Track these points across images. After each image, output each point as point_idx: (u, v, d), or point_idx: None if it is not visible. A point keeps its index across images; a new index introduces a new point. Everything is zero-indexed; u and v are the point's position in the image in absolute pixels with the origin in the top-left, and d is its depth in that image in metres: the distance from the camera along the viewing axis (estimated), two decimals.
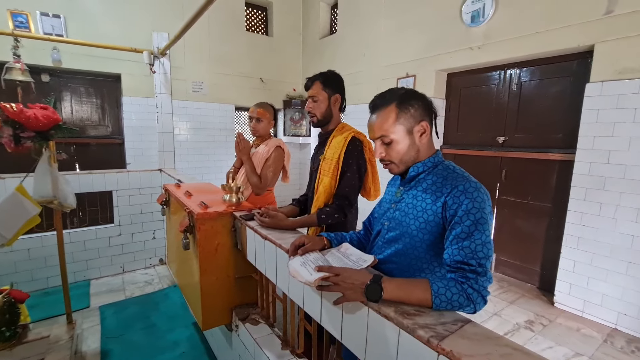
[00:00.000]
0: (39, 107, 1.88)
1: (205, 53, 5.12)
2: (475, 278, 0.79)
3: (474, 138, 3.64)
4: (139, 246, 3.39)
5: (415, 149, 0.97)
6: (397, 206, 1.04)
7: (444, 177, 0.95)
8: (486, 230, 0.86)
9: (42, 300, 2.71)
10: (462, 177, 0.92)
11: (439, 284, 0.79)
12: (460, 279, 0.81)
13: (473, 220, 0.84)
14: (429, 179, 0.98)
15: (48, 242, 2.85)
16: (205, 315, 1.57)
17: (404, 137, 0.95)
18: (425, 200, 0.94)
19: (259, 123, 2.13)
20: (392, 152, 0.97)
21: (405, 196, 1.02)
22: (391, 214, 1.04)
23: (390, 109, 0.95)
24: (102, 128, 4.57)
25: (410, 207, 0.98)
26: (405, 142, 0.96)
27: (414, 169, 1.00)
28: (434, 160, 0.99)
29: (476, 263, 0.81)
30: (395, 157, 0.98)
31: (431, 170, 0.99)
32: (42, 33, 3.76)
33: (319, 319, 0.98)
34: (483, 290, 0.79)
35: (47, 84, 4.12)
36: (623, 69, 2.41)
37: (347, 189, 1.47)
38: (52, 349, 1.86)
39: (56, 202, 1.95)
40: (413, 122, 0.95)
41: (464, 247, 0.83)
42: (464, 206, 0.86)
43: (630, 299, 2.43)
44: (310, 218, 1.47)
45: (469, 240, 0.83)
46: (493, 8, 3.12)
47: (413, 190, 1.00)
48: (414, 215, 0.96)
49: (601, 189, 2.54)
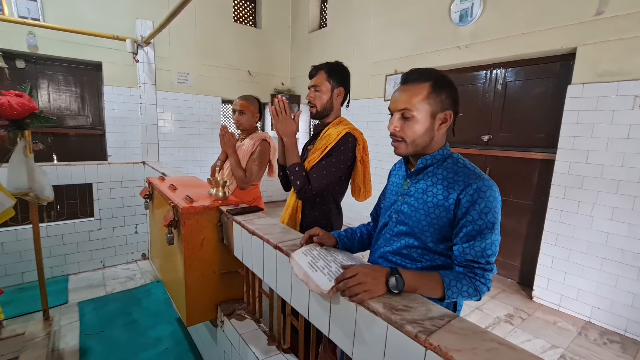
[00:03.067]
0: (14, 95, 1.79)
1: (191, 43, 4.99)
2: (483, 274, 0.86)
3: (459, 136, 3.69)
4: (120, 240, 3.30)
5: (430, 136, 0.95)
6: (404, 199, 1.02)
7: (454, 172, 0.94)
8: (496, 229, 0.88)
9: (17, 296, 2.61)
10: (474, 173, 0.92)
11: (450, 276, 0.85)
12: (469, 274, 0.87)
13: (485, 221, 0.87)
14: (438, 172, 0.96)
15: (23, 235, 2.74)
16: (189, 311, 1.55)
17: (425, 118, 0.92)
18: (437, 197, 0.94)
19: (242, 116, 2.09)
20: (408, 129, 0.93)
21: (413, 189, 1.00)
22: (399, 207, 1.03)
23: (424, 86, 0.92)
24: (82, 118, 4.41)
25: (421, 202, 0.97)
26: (424, 124, 0.93)
27: (423, 161, 0.98)
28: (442, 153, 0.98)
29: (485, 261, 0.87)
30: (409, 135, 0.94)
31: (440, 163, 0.97)
32: (17, 16, 3.59)
33: (306, 315, 0.98)
34: (488, 282, 0.88)
35: (22, 71, 3.94)
36: (603, 72, 2.49)
37: (322, 171, 1.42)
38: (27, 347, 1.79)
39: (32, 195, 1.87)
40: (439, 108, 0.93)
41: (474, 247, 0.87)
42: (477, 206, 0.87)
43: (603, 294, 2.54)
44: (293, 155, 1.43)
45: (480, 240, 0.86)
46: (481, 8, 3.16)
47: (422, 184, 0.98)
48: (425, 211, 0.95)
49: (580, 187, 2.63)
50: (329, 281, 0.82)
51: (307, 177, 1.41)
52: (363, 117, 4.50)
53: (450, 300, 0.85)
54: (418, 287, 0.81)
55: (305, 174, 1.42)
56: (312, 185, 1.41)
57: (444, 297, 0.84)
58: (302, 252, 0.96)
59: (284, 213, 1.64)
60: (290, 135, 1.42)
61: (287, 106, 1.41)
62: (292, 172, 1.42)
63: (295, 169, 1.41)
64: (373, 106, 4.44)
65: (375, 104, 4.42)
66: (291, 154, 1.43)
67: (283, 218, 1.63)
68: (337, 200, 1.59)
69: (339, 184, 1.55)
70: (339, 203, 1.61)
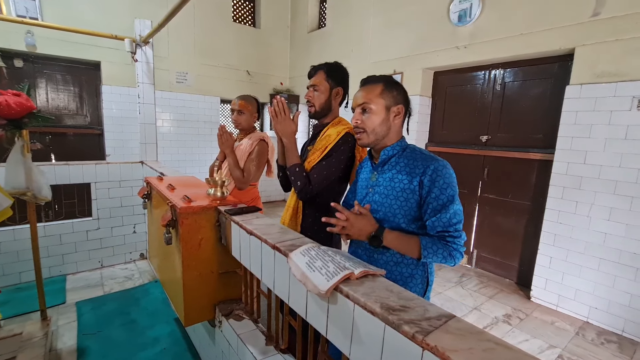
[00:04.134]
0: (12, 94, 1.78)
1: (190, 43, 4.99)
2: (453, 241, 1.01)
3: (458, 136, 3.70)
4: (118, 240, 3.29)
5: (387, 126, 1.12)
6: (374, 190, 1.16)
7: (414, 159, 1.10)
8: (456, 200, 1.04)
9: (14, 296, 2.60)
10: (430, 157, 1.08)
11: (427, 239, 1.02)
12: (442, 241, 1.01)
13: (447, 195, 1.02)
14: (401, 161, 1.12)
15: (21, 235, 2.73)
16: (187, 311, 1.54)
17: (381, 110, 1.10)
18: (403, 182, 1.09)
19: (240, 115, 2.09)
20: (368, 120, 1.11)
21: (381, 179, 1.15)
22: (371, 197, 1.17)
23: (378, 85, 1.12)
24: (80, 117, 4.40)
25: (389, 188, 1.11)
26: (381, 116, 1.10)
27: (385, 152, 1.14)
28: (401, 144, 1.15)
29: (453, 229, 1.02)
30: (369, 126, 1.11)
31: (401, 153, 1.14)
32: (15, 15, 3.57)
33: (304, 315, 0.98)
34: (460, 248, 1.02)
35: (20, 70, 3.93)
36: (601, 73, 2.49)
37: (323, 171, 1.42)
38: (25, 347, 1.79)
39: (30, 194, 1.87)
40: (392, 103, 1.11)
41: (441, 218, 1.02)
42: (437, 184, 1.03)
43: (600, 294, 2.55)
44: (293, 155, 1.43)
45: (445, 212, 1.01)
46: (480, 8, 3.17)
47: (388, 174, 1.14)
48: (394, 196, 1.10)
49: (577, 188, 2.64)
50: (326, 281, 0.82)
51: (308, 177, 1.42)
52: None
53: (426, 260, 1.02)
54: (397, 247, 1.04)
55: (305, 175, 1.42)
56: (313, 186, 1.42)
57: (420, 256, 1.02)
58: (300, 252, 0.96)
59: (284, 214, 1.64)
60: (289, 136, 1.43)
61: (286, 107, 1.42)
62: (293, 173, 1.42)
63: (296, 169, 1.42)
64: None
65: None
66: (291, 154, 1.44)
67: (284, 219, 1.62)
68: (336, 199, 1.59)
69: (339, 184, 1.55)
70: (338, 202, 1.61)
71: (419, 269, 1.14)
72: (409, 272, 1.13)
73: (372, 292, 0.78)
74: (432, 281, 1.19)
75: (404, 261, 1.13)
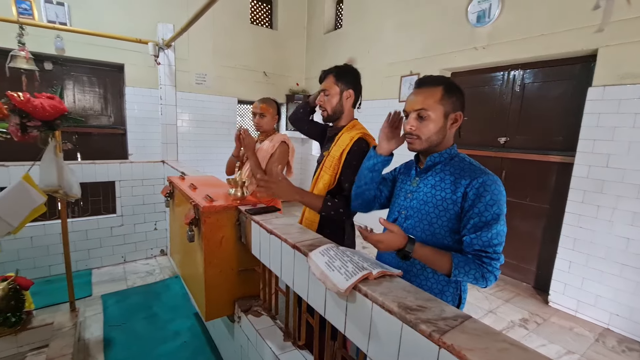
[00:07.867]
0: (46, 97, 1.89)
1: (209, 45, 5.10)
2: (490, 262, 0.93)
3: (475, 138, 3.66)
4: (140, 237, 3.42)
5: (442, 134, 1.04)
6: (413, 195, 1.10)
7: (461, 169, 1.03)
8: (502, 220, 0.95)
9: (45, 287, 2.74)
10: (480, 169, 1.01)
11: (460, 258, 0.95)
12: (477, 261, 0.94)
13: (491, 213, 0.94)
14: (446, 169, 1.05)
15: (51, 230, 2.88)
16: (208, 307, 1.61)
17: (439, 117, 1.02)
18: (445, 190, 1.02)
19: (262, 118, 2.15)
20: (424, 127, 1.03)
21: (422, 185, 1.09)
22: (408, 203, 1.11)
23: (438, 89, 1.02)
24: (105, 118, 4.58)
25: (429, 196, 1.05)
26: (438, 123, 1.02)
27: (431, 159, 1.07)
28: (450, 152, 1.07)
29: (492, 251, 0.93)
30: (424, 133, 1.03)
31: (448, 161, 1.07)
32: (46, 21, 3.76)
33: (322, 312, 1.01)
34: (496, 271, 0.94)
35: (50, 72, 4.12)
36: (625, 74, 2.43)
37: (351, 183, 1.42)
38: (56, 336, 1.90)
39: (61, 192, 1.97)
40: (451, 109, 1.03)
41: (481, 237, 0.94)
42: (483, 199, 0.95)
43: (622, 300, 2.48)
44: (316, 198, 1.43)
45: (487, 230, 0.94)
46: (499, 9, 3.13)
47: (430, 180, 1.07)
48: (433, 204, 1.04)
49: (599, 192, 2.57)
50: (345, 280, 0.85)
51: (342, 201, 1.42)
52: (377, 118, 4.49)
53: (456, 278, 0.95)
54: (427, 262, 0.97)
55: (337, 201, 1.42)
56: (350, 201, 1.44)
57: (450, 274, 0.95)
58: (320, 252, 1.00)
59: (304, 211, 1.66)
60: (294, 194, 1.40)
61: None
62: (328, 210, 1.42)
63: (328, 204, 1.41)
64: (387, 107, 4.44)
65: (389, 105, 4.42)
66: (310, 203, 1.44)
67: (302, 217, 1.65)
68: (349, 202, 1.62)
69: None
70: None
71: (451, 286, 1.07)
72: (439, 288, 1.07)
73: (389, 291, 0.82)
74: (465, 299, 1.12)
75: (434, 276, 1.07)
